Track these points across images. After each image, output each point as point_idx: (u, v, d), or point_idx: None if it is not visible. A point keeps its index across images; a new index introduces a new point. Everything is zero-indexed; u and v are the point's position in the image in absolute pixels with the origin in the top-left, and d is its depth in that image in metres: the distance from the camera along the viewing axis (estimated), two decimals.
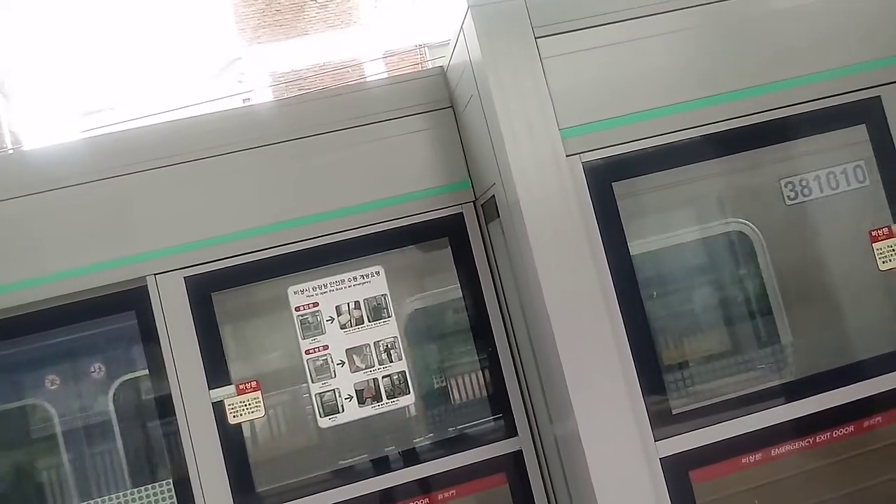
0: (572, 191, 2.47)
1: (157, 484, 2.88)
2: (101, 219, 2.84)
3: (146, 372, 2.92)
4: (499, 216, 2.74)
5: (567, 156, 2.49)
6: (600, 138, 2.53)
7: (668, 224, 2.94)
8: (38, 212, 2.81)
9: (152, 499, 2.88)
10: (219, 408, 2.82)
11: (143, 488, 2.89)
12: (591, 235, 2.48)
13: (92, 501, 2.88)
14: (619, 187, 2.54)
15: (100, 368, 3.07)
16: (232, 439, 2.83)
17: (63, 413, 3.06)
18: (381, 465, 2.98)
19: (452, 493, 2.91)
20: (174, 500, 2.85)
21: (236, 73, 16.21)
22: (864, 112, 2.71)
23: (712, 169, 2.77)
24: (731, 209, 2.98)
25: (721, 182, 2.94)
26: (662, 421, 2.50)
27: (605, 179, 2.52)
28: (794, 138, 2.73)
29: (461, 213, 3.02)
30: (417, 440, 3.07)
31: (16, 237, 2.80)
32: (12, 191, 2.81)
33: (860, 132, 2.73)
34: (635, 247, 2.59)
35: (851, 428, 2.63)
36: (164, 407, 2.84)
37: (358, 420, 2.93)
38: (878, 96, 2.70)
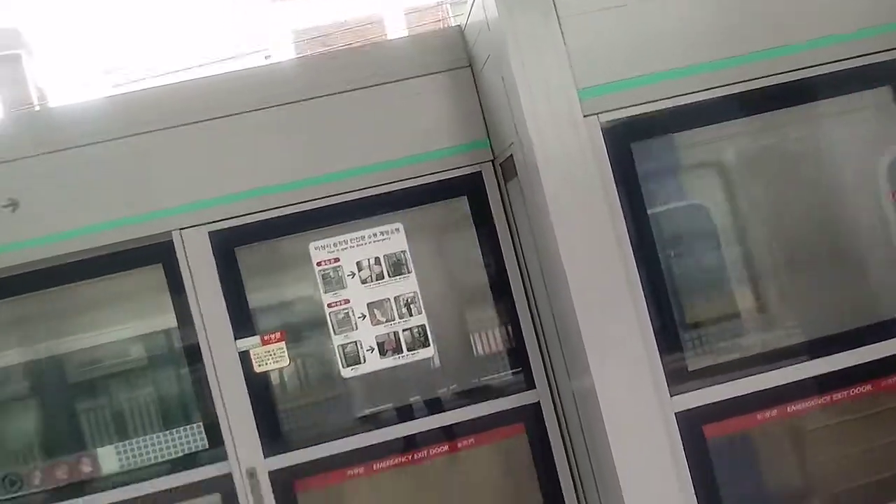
0: (590, 151, 2.47)
1: (188, 427, 3.03)
2: (127, 175, 2.91)
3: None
4: (517, 175, 2.76)
5: (585, 116, 2.48)
6: (619, 99, 2.52)
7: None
8: (65, 167, 2.89)
9: (185, 440, 3.03)
10: (245, 357, 2.93)
11: (175, 430, 3.04)
12: (608, 195, 2.48)
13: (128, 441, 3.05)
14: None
15: None
16: (258, 386, 2.94)
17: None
18: (403, 414, 3.08)
19: (472, 442, 3.02)
20: (205, 441, 3.00)
21: (259, 30, 16.11)
22: (892, 73, 2.66)
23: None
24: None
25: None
26: (678, 377, 2.53)
27: (623, 140, 2.52)
28: (818, 99, 2.70)
29: (480, 172, 3.04)
30: (439, 391, 3.15)
31: (44, 192, 2.88)
32: (40, 147, 2.88)
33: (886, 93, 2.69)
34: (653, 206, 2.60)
35: (869, 387, 2.65)
36: (193, 356, 2.95)
37: (381, 371, 3.02)
38: None
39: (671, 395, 2.52)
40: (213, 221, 2.93)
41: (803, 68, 2.60)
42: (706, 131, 2.71)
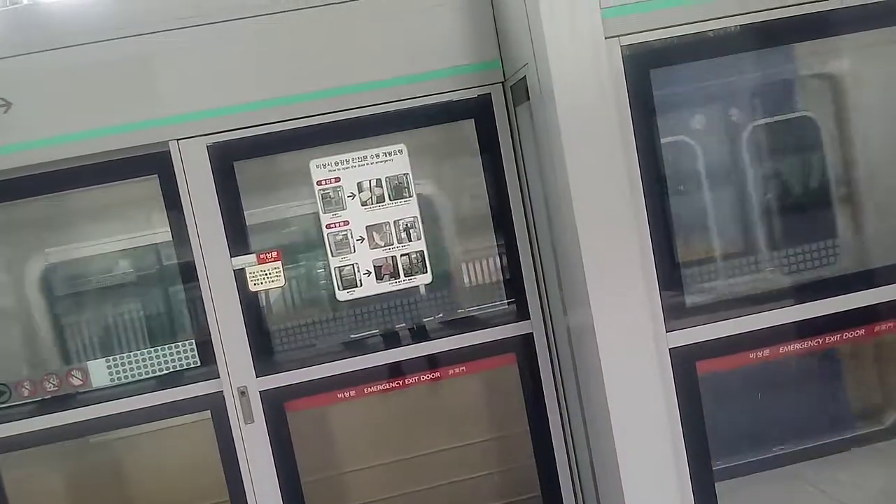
0: (608, 75, 2.37)
1: (180, 343, 3.01)
2: (123, 80, 2.78)
3: None
4: (528, 99, 2.67)
5: (606, 38, 2.38)
6: (642, 21, 2.40)
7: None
8: (59, 68, 2.75)
9: (177, 356, 3.01)
10: (240, 275, 2.88)
11: (167, 346, 3.02)
12: (623, 123, 2.40)
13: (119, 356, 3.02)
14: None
15: None
16: (253, 306, 2.90)
17: None
18: (394, 340, 3.08)
19: (463, 369, 3.02)
20: (197, 358, 2.98)
21: None
22: None
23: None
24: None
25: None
26: (675, 313, 2.53)
27: (643, 65, 2.43)
28: (844, 32, 2.62)
29: (489, 95, 2.94)
30: (431, 318, 3.15)
31: (37, 94, 2.75)
32: (31, 45, 2.73)
33: None
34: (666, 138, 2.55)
35: (862, 331, 2.67)
36: (187, 272, 2.90)
37: (375, 296, 2.99)
38: None
39: (667, 332, 2.51)
40: (212, 133, 2.82)
41: None
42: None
